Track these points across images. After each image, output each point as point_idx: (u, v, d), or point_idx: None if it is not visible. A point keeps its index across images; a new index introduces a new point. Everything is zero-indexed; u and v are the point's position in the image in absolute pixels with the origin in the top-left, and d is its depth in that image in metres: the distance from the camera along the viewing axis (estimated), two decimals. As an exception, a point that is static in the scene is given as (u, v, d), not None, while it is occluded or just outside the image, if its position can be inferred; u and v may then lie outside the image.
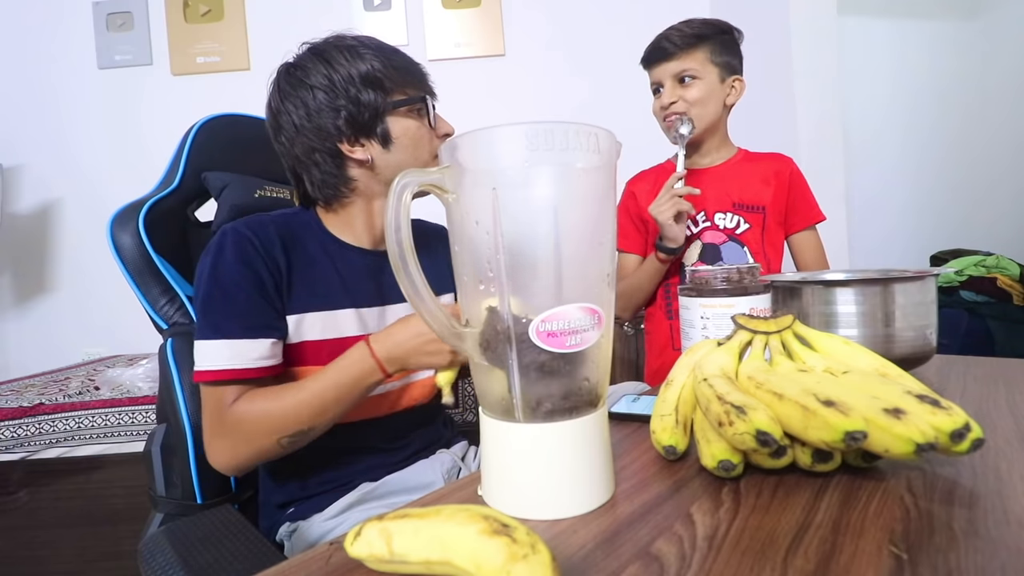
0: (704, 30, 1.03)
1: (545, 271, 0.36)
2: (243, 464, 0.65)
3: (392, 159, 0.71)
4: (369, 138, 0.70)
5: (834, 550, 0.29)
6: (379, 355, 0.62)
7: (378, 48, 0.71)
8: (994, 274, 1.89)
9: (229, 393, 0.63)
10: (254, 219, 0.70)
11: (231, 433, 0.63)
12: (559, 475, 0.36)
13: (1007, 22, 2.48)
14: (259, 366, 0.64)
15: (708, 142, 1.11)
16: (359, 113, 0.68)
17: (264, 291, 0.66)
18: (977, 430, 0.34)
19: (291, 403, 0.63)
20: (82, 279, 2.17)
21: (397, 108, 0.70)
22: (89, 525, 1.32)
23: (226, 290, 0.65)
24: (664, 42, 1.04)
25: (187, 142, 0.86)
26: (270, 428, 0.62)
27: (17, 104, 2.20)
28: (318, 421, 0.63)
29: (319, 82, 0.69)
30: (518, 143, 0.34)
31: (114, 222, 0.77)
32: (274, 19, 2.18)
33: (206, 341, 0.64)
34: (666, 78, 1.05)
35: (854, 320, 0.63)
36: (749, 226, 1.08)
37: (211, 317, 0.64)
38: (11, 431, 1.30)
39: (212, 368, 0.63)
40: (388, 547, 0.29)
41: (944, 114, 2.53)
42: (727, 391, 0.39)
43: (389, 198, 0.35)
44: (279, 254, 0.68)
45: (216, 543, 0.55)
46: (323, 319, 0.71)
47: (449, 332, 0.37)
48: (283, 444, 0.63)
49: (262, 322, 0.66)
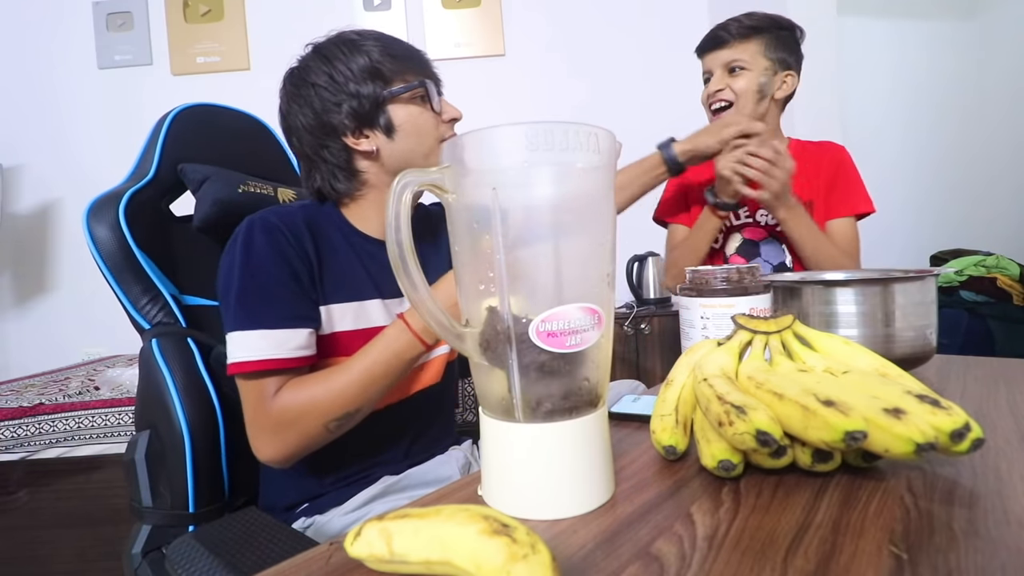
0: (762, 23, 1.03)
1: (545, 271, 0.36)
2: (294, 454, 0.64)
3: (397, 148, 0.71)
4: (373, 129, 0.70)
5: (834, 550, 0.29)
6: (415, 327, 0.63)
7: (377, 39, 0.71)
8: (994, 274, 1.89)
9: (271, 384, 0.63)
10: (280, 209, 0.70)
11: (279, 424, 0.63)
12: (559, 475, 0.36)
13: (1005, 22, 2.48)
14: (299, 356, 0.64)
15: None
16: (360, 105, 0.69)
17: (299, 281, 0.66)
18: (977, 430, 0.34)
19: (338, 386, 0.62)
20: (82, 279, 2.17)
21: (398, 96, 0.70)
22: (89, 525, 1.32)
23: (261, 280, 0.64)
24: (720, 31, 1.04)
25: (162, 131, 0.81)
26: (319, 413, 0.62)
27: (17, 104, 2.20)
28: (364, 401, 0.64)
29: (320, 80, 0.69)
30: (518, 143, 0.34)
31: (90, 213, 0.72)
32: (274, 19, 2.18)
33: (243, 332, 0.63)
34: (716, 66, 1.05)
35: (854, 320, 0.63)
36: None
37: (246, 307, 0.64)
38: (11, 431, 1.30)
39: (252, 359, 0.62)
40: (388, 547, 0.29)
41: (943, 114, 2.53)
42: (727, 391, 0.39)
43: (388, 198, 0.35)
44: (308, 244, 0.68)
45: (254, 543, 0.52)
46: (354, 310, 0.71)
47: (449, 332, 0.37)
48: (331, 428, 0.63)
49: (300, 312, 0.66)
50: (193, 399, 0.71)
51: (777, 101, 1.07)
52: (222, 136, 0.88)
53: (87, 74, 2.20)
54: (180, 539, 0.55)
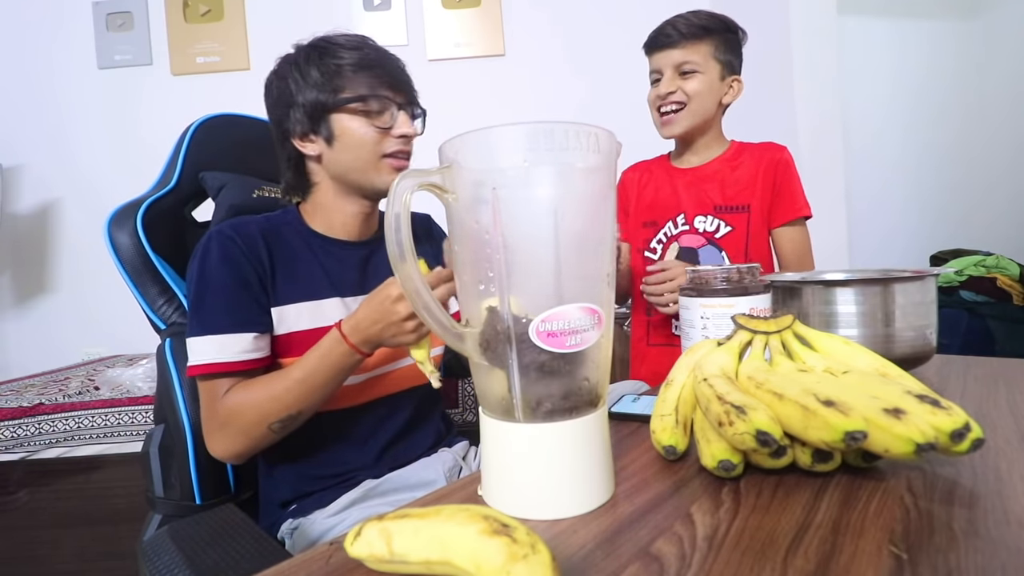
0: (712, 23, 1.01)
1: (545, 271, 0.36)
2: (240, 452, 0.67)
3: (336, 157, 0.74)
4: (317, 135, 0.73)
5: (834, 550, 0.29)
6: (351, 338, 0.64)
7: (357, 49, 0.73)
8: (994, 274, 1.89)
9: (220, 386, 0.66)
10: (238, 220, 0.74)
11: (225, 423, 0.66)
12: (559, 475, 0.36)
13: (1006, 22, 2.47)
14: (245, 359, 0.67)
15: (700, 140, 1.09)
16: (306, 111, 0.72)
17: (248, 287, 0.69)
18: (977, 430, 0.34)
19: (278, 390, 0.65)
20: (82, 279, 2.17)
21: (340, 106, 0.72)
22: (89, 525, 1.32)
23: (212, 288, 0.68)
24: (670, 28, 1.02)
25: (185, 141, 0.85)
26: (260, 415, 0.65)
27: (17, 104, 2.20)
28: (304, 405, 0.66)
29: (281, 84, 0.74)
30: (518, 143, 0.34)
31: (112, 222, 0.77)
32: (274, 19, 2.18)
33: (196, 337, 0.67)
34: (667, 67, 1.03)
35: (854, 320, 0.63)
36: (731, 229, 1.06)
37: (199, 314, 0.68)
38: (11, 431, 1.30)
39: (202, 362, 0.66)
40: (388, 547, 0.29)
41: (944, 114, 2.53)
42: (727, 391, 0.39)
43: (389, 198, 0.35)
44: (262, 250, 0.71)
45: (221, 542, 0.55)
46: (309, 309, 0.73)
47: (449, 332, 0.37)
48: (274, 429, 0.66)
49: (245, 317, 0.69)
50: (195, 395, 0.73)
51: (722, 107, 1.07)
52: (241, 144, 0.92)
53: (87, 74, 2.19)
54: (155, 533, 0.58)
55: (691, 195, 1.09)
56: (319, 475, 0.73)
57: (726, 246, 1.06)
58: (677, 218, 1.09)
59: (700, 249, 1.08)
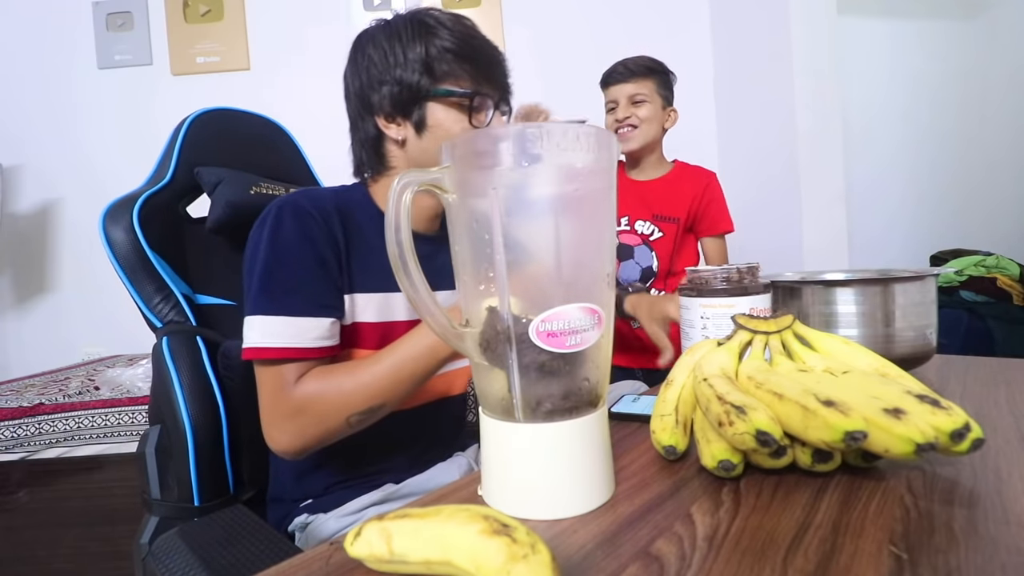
0: (653, 65, 1.30)
1: (545, 271, 0.36)
2: (311, 446, 0.61)
3: (423, 145, 0.68)
4: (406, 119, 0.68)
5: (834, 550, 0.29)
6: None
7: (456, 31, 0.67)
8: (994, 274, 1.89)
9: (291, 372, 0.60)
10: (312, 191, 0.68)
11: (299, 411, 0.60)
12: (559, 475, 0.36)
13: (1006, 22, 2.47)
14: (320, 346, 0.62)
15: (646, 159, 1.35)
16: (399, 93, 0.66)
17: (326, 267, 0.64)
18: (977, 430, 0.34)
19: (367, 377, 0.59)
20: (82, 279, 2.17)
21: (439, 97, 0.67)
22: (89, 525, 1.32)
23: (287, 264, 0.62)
24: (622, 67, 1.30)
25: (179, 136, 0.83)
26: (343, 405, 0.59)
27: (17, 104, 2.20)
28: (391, 396, 0.60)
29: (375, 54, 0.67)
30: (519, 143, 0.34)
31: (106, 216, 0.74)
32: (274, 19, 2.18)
33: (265, 316, 0.60)
34: (622, 97, 1.29)
35: (854, 320, 0.63)
36: (663, 234, 1.32)
37: (269, 292, 0.61)
38: (11, 431, 1.30)
39: (272, 345, 0.60)
40: (388, 547, 0.29)
41: (943, 113, 2.53)
42: (727, 391, 0.39)
43: (389, 198, 0.35)
44: (338, 229, 0.66)
45: (234, 543, 0.53)
46: (378, 301, 0.68)
47: (449, 332, 0.37)
48: (352, 422, 0.60)
49: (324, 300, 0.63)
50: (197, 396, 0.72)
51: (664, 131, 1.34)
52: (237, 139, 0.90)
53: (87, 74, 2.20)
54: (165, 535, 0.56)
55: (636, 203, 1.34)
56: (348, 476, 0.71)
57: (657, 248, 1.32)
58: (622, 219, 1.34)
59: (636, 247, 1.33)
